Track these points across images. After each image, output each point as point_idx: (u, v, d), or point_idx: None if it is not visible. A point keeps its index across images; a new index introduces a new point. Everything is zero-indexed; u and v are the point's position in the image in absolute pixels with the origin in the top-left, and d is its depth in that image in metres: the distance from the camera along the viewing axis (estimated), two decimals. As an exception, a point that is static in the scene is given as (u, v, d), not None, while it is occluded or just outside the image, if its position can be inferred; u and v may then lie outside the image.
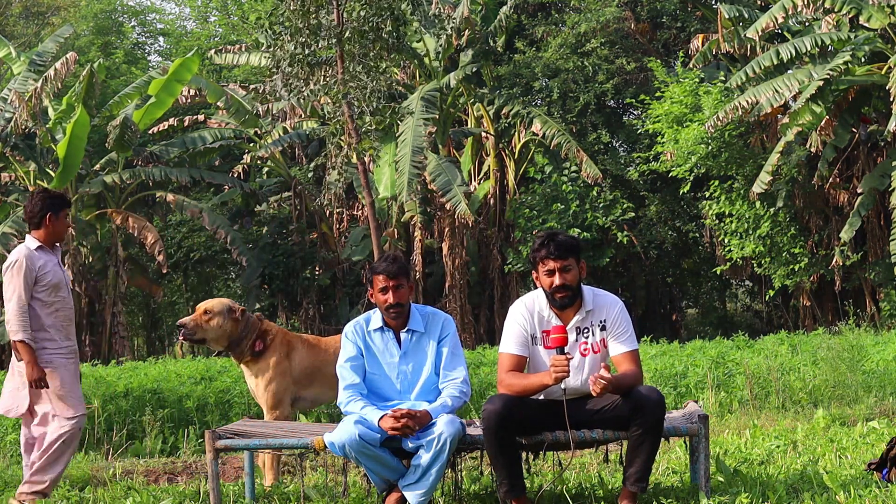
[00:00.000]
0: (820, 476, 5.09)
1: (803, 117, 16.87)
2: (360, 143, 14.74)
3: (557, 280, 4.69)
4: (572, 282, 4.71)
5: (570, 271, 4.70)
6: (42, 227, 5.66)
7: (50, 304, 5.57)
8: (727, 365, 9.88)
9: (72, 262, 20.67)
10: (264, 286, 23.77)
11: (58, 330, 5.59)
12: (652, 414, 4.53)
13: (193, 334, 6.17)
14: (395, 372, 4.96)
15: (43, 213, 5.64)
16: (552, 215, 20.35)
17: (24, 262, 5.51)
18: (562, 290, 4.70)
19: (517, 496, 4.63)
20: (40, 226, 5.66)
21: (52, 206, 5.68)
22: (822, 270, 19.05)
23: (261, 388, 6.19)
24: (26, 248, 5.60)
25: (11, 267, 5.54)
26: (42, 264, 5.57)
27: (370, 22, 14.25)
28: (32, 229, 5.70)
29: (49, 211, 5.66)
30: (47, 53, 21.36)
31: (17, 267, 5.51)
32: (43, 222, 5.66)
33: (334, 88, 14.39)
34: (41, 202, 5.67)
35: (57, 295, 5.60)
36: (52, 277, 5.59)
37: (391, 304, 4.91)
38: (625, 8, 22.47)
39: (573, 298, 4.74)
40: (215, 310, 6.18)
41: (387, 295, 4.91)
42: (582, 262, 4.79)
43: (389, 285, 4.91)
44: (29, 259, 5.53)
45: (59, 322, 5.61)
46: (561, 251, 4.68)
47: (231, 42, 28.12)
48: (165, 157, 22.32)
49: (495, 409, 4.53)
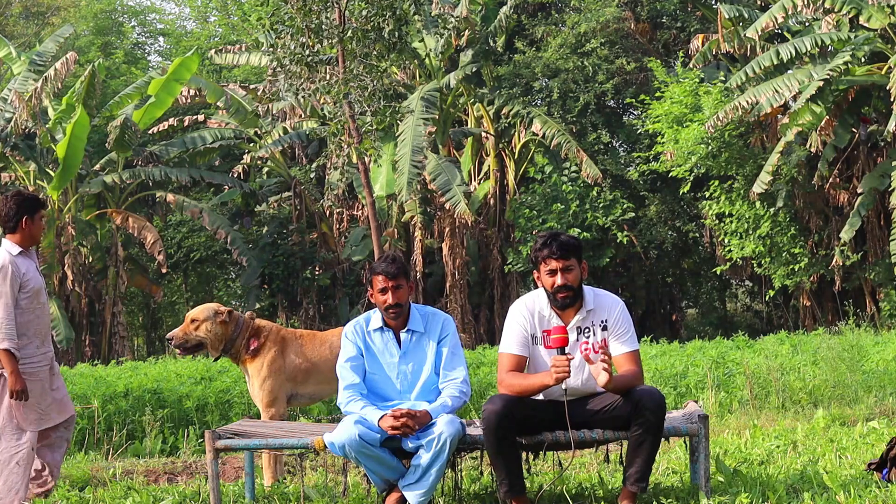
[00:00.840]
0: (820, 476, 5.09)
1: (803, 117, 16.87)
2: (361, 143, 14.72)
3: (559, 280, 4.69)
4: (574, 282, 4.71)
5: (572, 271, 4.70)
6: (18, 231, 5.43)
7: (31, 310, 5.38)
8: (727, 365, 9.87)
9: (72, 262, 20.67)
10: (264, 286, 23.77)
11: (36, 336, 5.40)
12: (652, 414, 4.52)
13: (185, 343, 6.16)
14: (395, 372, 4.96)
15: (19, 216, 5.41)
16: (552, 215, 20.35)
17: (9, 268, 5.29)
18: (563, 290, 4.70)
19: (517, 496, 4.63)
20: (16, 229, 5.42)
21: (27, 208, 5.45)
22: (822, 270, 19.05)
23: (255, 387, 6.16)
24: (8, 253, 5.36)
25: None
26: (25, 270, 5.37)
27: (372, 21, 14.24)
28: (8, 233, 5.46)
29: (25, 214, 5.43)
30: (47, 53, 21.37)
31: (2, 273, 5.27)
32: (19, 225, 5.41)
33: (335, 88, 14.37)
34: (16, 205, 5.44)
35: (38, 301, 5.42)
36: (34, 283, 5.40)
37: (391, 305, 4.91)
38: (625, 8, 22.48)
39: (574, 299, 4.74)
40: (201, 317, 6.15)
41: (386, 295, 4.91)
42: (584, 263, 4.79)
43: (389, 286, 4.90)
44: (14, 265, 5.32)
45: (38, 328, 5.42)
46: (563, 251, 4.68)
47: (231, 42, 28.11)
48: (165, 157, 22.33)
49: (495, 409, 4.53)
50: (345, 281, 23.45)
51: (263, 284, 23.66)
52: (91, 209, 22.16)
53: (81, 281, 21.03)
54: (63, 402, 5.54)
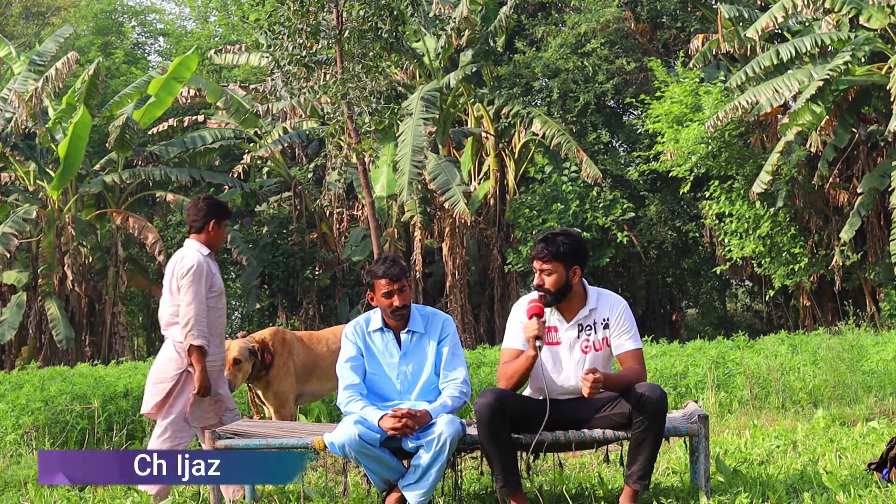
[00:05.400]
0: (820, 476, 5.09)
1: (803, 117, 16.87)
2: (360, 144, 14.71)
3: (536, 280, 4.77)
4: (552, 286, 4.74)
5: (552, 275, 4.73)
6: (203, 233, 5.56)
7: (216, 310, 5.51)
8: (727, 365, 9.86)
9: (72, 262, 20.67)
10: (264, 286, 23.77)
11: (216, 336, 5.54)
12: (654, 411, 4.53)
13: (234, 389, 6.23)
14: (396, 372, 4.96)
15: (207, 219, 5.54)
16: (552, 215, 20.35)
17: (203, 267, 5.43)
18: (540, 289, 4.77)
19: (513, 491, 4.63)
20: (202, 231, 5.56)
21: (217, 213, 5.59)
22: (822, 270, 19.04)
23: (271, 392, 6.29)
24: (199, 253, 5.50)
25: (192, 271, 5.41)
26: (214, 271, 5.54)
27: (369, 22, 14.23)
28: (193, 233, 5.60)
29: (213, 218, 5.56)
30: (47, 53, 21.36)
31: (197, 272, 5.40)
32: (206, 227, 5.55)
33: (333, 88, 14.37)
34: (207, 207, 5.58)
35: (221, 302, 5.57)
36: (220, 284, 5.57)
37: (398, 307, 4.92)
38: (625, 8, 22.47)
39: (553, 301, 4.77)
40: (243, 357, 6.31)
41: (392, 298, 4.91)
42: (574, 268, 4.77)
43: (394, 289, 4.91)
44: (206, 264, 5.47)
45: (219, 329, 5.57)
46: (543, 255, 4.74)
47: (231, 42, 28.12)
48: (165, 157, 22.32)
49: (486, 402, 4.56)
50: (345, 281, 23.45)
51: (263, 284, 23.66)
52: (91, 209, 22.15)
53: (81, 281, 21.02)
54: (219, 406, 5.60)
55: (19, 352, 20.92)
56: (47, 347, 20.67)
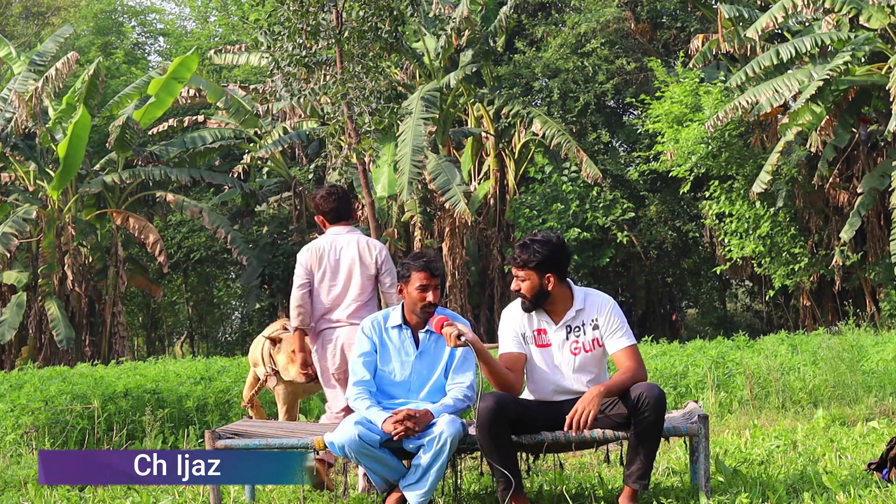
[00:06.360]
0: (820, 476, 5.09)
1: (803, 117, 16.87)
2: (360, 144, 14.71)
3: (513, 286, 4.84)
4: (526, 291, 4.77)
5: (525, 282, 4.76)
6: (353, 218, 6.06)
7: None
8: (727, 365, 9.86)
9: (72, 262, 20.67)
10: (264, 286, 23.78)
11: None
12: (653, 410, 4.53)
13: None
14: (409, 370, 4.95)
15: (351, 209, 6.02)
16: (552, 215, 20.35)
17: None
18: (517, 294, 4.83)
19: (515, 495, 4.63)
20: (351, 216, 6.03)
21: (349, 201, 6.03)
22: (822, 270, 19.05)
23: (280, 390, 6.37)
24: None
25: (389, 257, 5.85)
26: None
27: (369, 22, 14.23)
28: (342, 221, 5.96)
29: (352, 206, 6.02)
30: (47, 53, 21.36)
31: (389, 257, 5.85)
32: (352, 215, 6.02)
33: (333, 88, 14.36)
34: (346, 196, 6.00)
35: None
36: None
37: (430, 303, 4.91)
38: (625, 8, 22.48)
39: (529, 308, 4.79)
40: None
41: (426, 293, 4.90)
42: (548, 276, 4.75)
43: (431, 284, 4.91)
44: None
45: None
46: (516, 262, 4.79)
47: (231, 42, 28.11)
48: (165, 157, 22.32)
49: (487, 406, 4.55)
50: (345, 281, 23.42)
51: (263, 284, 23.66)
52: (91, 209, 22.16)
53: (81, 281, 21.02)
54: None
55: (19, 352, 20.93)
56: (47, 347, 20.67)
